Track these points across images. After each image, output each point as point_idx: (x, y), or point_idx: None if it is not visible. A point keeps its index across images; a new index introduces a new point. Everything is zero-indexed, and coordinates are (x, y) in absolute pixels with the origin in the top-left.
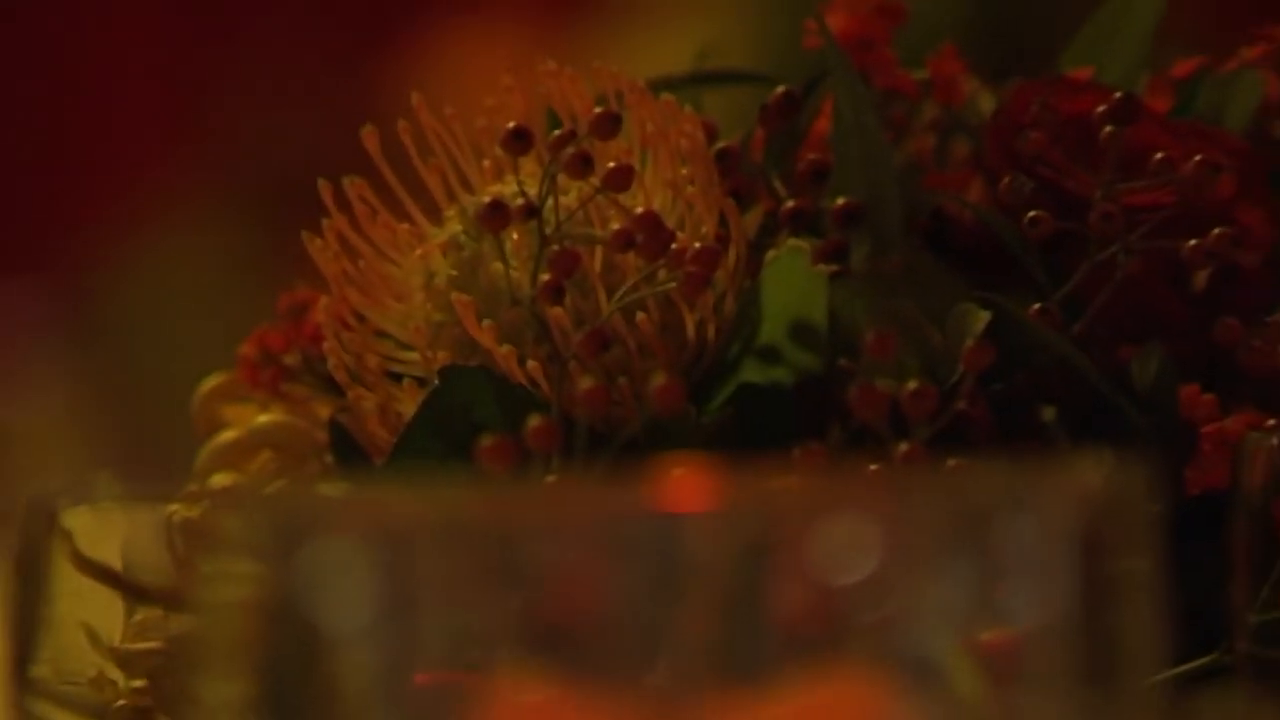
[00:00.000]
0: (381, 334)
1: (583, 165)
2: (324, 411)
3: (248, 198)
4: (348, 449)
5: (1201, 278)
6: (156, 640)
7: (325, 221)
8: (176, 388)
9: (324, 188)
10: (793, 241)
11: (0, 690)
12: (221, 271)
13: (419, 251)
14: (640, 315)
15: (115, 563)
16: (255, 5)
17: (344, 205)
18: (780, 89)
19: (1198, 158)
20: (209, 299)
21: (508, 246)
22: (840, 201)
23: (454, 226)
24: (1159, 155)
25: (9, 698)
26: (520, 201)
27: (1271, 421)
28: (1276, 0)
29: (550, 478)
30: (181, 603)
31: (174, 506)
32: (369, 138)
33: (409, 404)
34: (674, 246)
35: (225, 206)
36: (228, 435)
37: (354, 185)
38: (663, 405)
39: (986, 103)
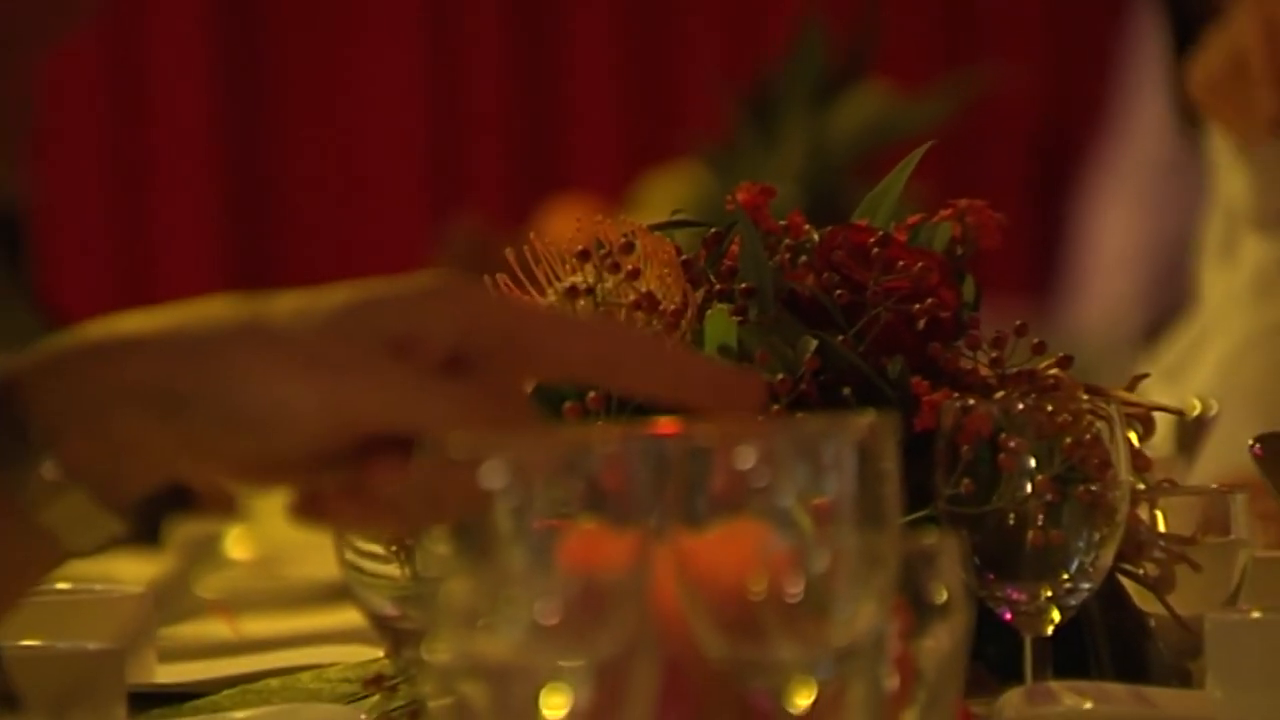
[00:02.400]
0: None
1: (614, 268)
2: None
3: None
4: None
5: (922, 324)
6: None
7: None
8: None
9: (497, 279)
10: (719, 305)
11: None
12: None
13: None
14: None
15: None
16: None
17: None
18: (712, 230)
19: (919, 264)
20: None
21: (580, 307)
22: (742, 285)
23: (552, 297)
24: (900, 263)
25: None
26: (585, 285)
27: (957, 396)
28: (964, 179)
29: (599, 423)
30: None
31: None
32: (509, 257)
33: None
34: (660, 309)
35: None
36: None
37: (501, 277)
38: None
39: (815, 237)
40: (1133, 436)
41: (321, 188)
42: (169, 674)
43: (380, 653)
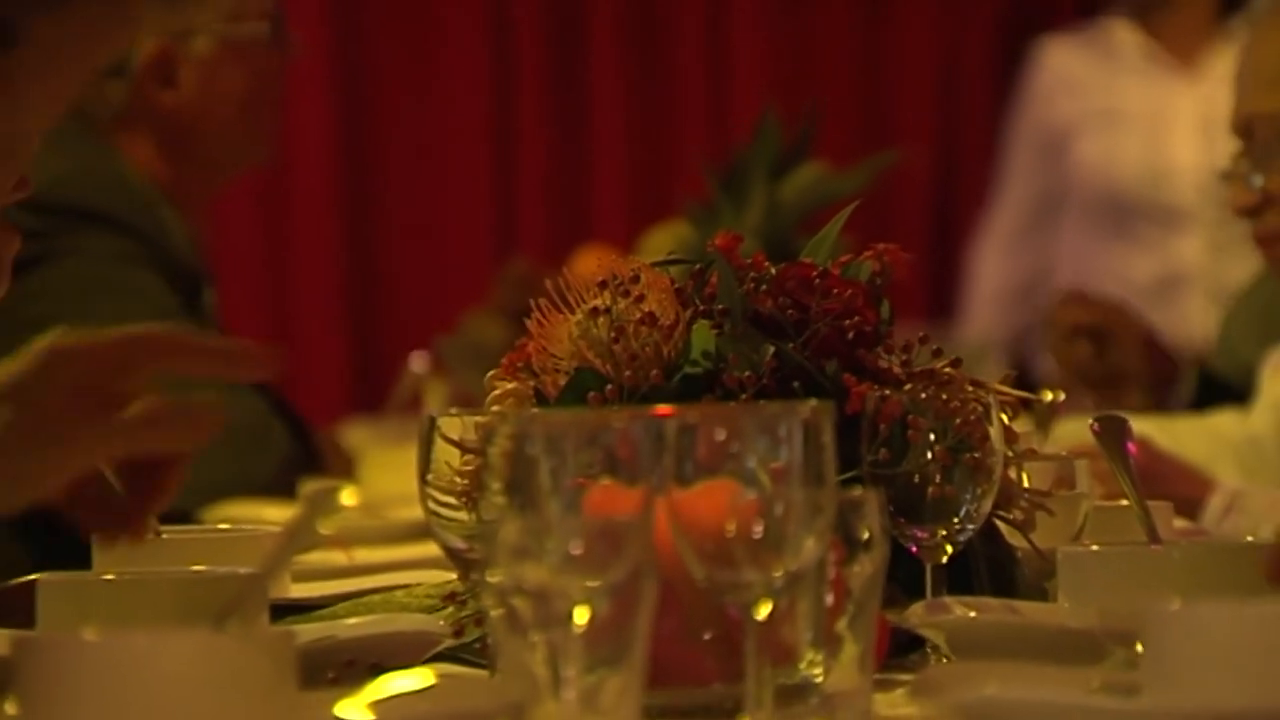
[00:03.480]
0: (554, 355)
1: (625, 294)
2: (532, 384)
3: None
4: (542, 398)
5: (851, 335)
6: (471, 465)
7: (534, 315)
8: None
9: (539, 304)
10: (702, 321)
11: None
12: None
13: (568, 326)
14: (647, 347)
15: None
16: None
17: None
18: (697, 266)
19: (849, 291)
20: None
21: (600, 323)
22: (719, 307)
23: (579, 315)
24: (835, 290)
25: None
26: (603, 307)
27: (876, 388)
28: (880, 231)
29: (614, 407)
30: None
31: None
32: (549, 288)
33: (562, 380)
34: (658, 323)
35: None
36: (501, 389)
37: (541, 303)
38: (655, 381)
39: (772, 272)
40: (1004, 417)
41: (416, 234)
42: (299, 591)
43: (454, 576)
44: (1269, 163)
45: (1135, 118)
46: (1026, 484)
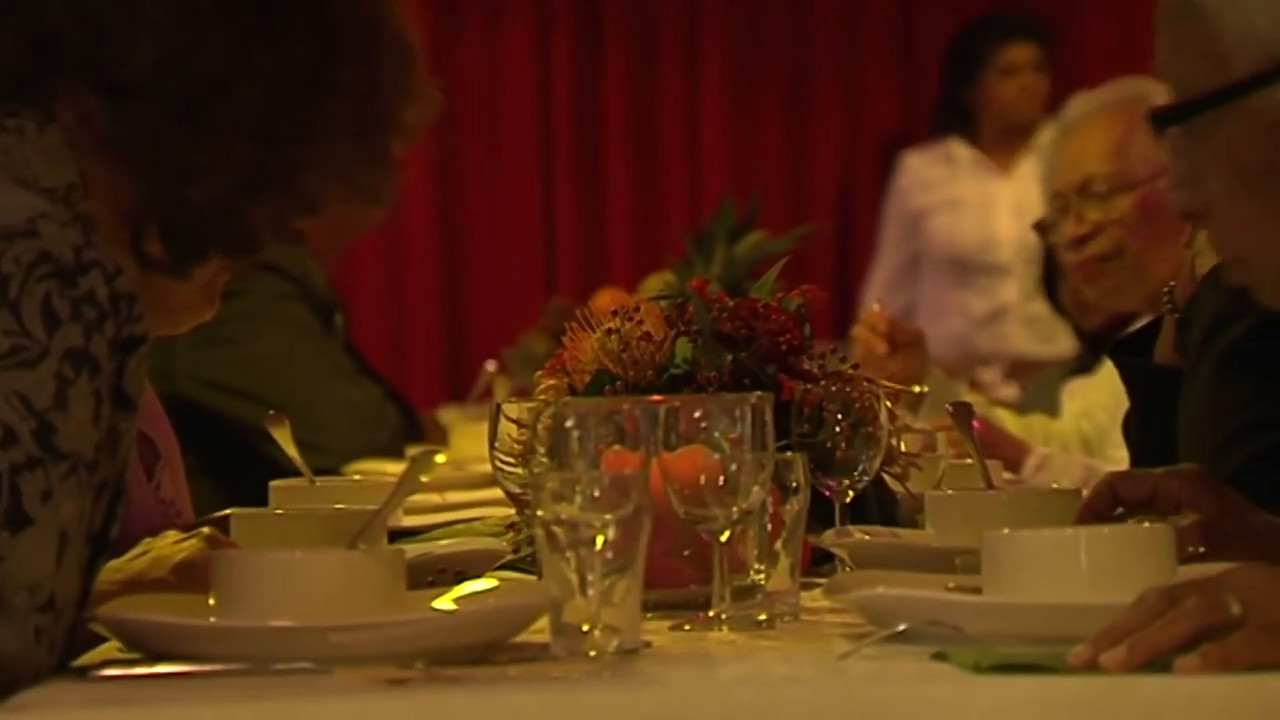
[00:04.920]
0: (581, 361)
1: (630, 319)
2: (566, 380)
3: None
4: (573, 391)
5: (784, 347)
6: (524, 437)
7: (568, 334)
8: None
9: (571, 327)
10: (683, 338)
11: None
12: None
13: (591, 341)
14: (644, 356)
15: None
16: None
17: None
18: (680, 300)
19: (783, 318)
20: None
21: (613, 340)
22: (694, 328)
23: (600, 335)
24: (773, 317)
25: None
26: (615, 328)
27: (801, 384)
28: (801, 277)
29: (622, 397)
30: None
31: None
32: (578, 316)
33: (587, 378)
34: (652, 339)
35: None
36: (545, 385)
37: (573, 326)
38: (650, 379)
39: (730, 304)
40: (888, 403)
41: (489, 277)
42: (408, 521)
43: (513, 512)
44: (1104, 203)
45: (969, 204)
46: (903, 449)
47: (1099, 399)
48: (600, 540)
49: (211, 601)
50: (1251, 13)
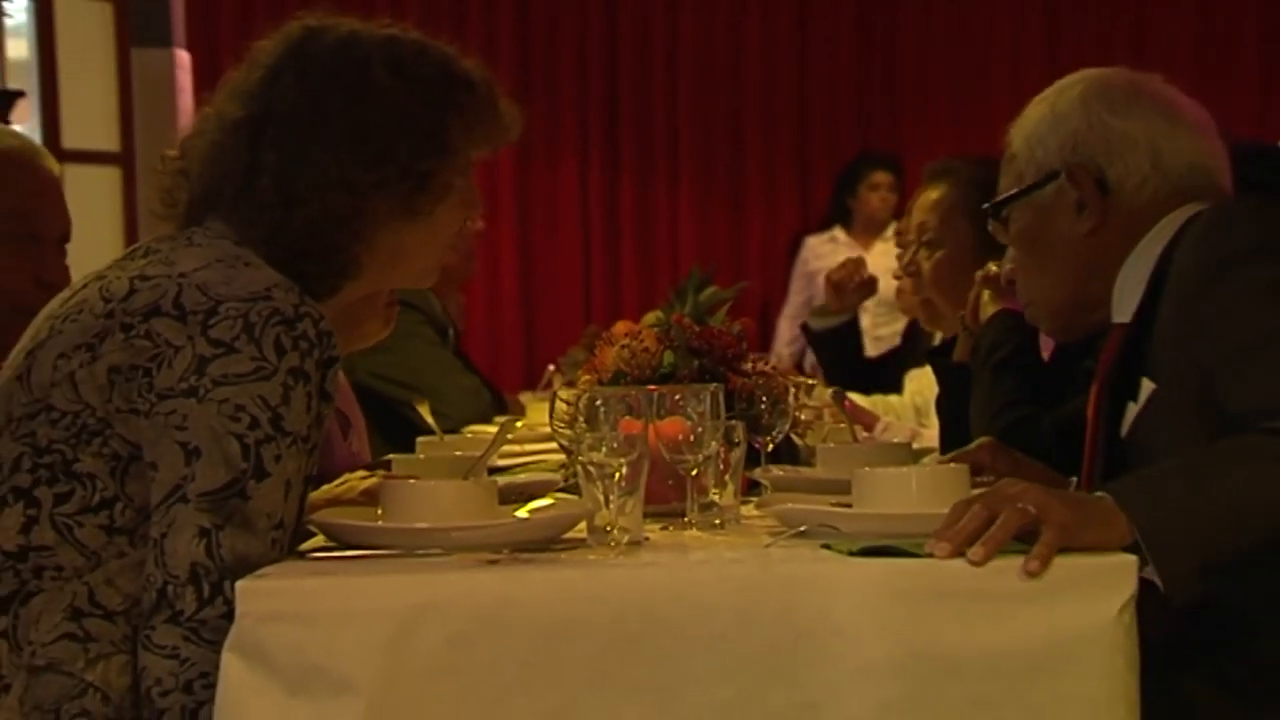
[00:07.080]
0: (605, 365)
1: (636, 339)
2: (596, 377)
3: None
4: (600, 384)
5: (731, 356)
6: (571, 411)
7: (597, 349)
8: None
9: (599, 345)
10: (668, 349)
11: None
12: None
13: (612, 353)
14: (644, 362)
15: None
16: None
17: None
18: (667, 327)
19: (728, 338)
20: None
21: (625, 352)
22: (676, 344)
23: (617, 349)
24: (724, 337)
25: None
26: (624, 344)
27: (742, 379)
28: (740, 314)
29: (631, 388)
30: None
31: (579, 391)
32: (604, 337)
33: (609, 376)
34: (650, 352)
35: None
36: (583, 380)
37: (600, 344)
38: (648, 377)
39: (697, 330)
40: (793, 390)
41: (550, 310)
42: (500, 461)
43: (564, 457)
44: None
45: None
46: (803, 418)
47: (927, 383)
48: (617, 475)
49: (379, 512)
50: (1034, 148)
